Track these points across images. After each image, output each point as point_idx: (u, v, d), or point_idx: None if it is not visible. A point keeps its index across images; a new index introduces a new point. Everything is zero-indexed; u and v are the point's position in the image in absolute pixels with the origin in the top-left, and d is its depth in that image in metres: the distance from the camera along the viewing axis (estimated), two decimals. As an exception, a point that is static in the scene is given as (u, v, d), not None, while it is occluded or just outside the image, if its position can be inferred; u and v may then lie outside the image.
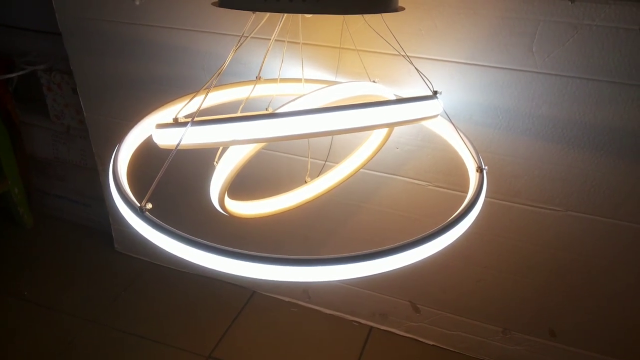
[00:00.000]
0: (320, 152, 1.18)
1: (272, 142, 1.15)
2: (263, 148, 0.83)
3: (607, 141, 0.98)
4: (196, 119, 0.74)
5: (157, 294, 1.55)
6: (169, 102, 0.93)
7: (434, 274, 1.29)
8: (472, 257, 1.23)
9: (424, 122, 0.98)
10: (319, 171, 1.09)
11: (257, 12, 0.80)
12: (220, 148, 0.96)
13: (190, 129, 0.70)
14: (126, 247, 1.69)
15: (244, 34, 0.81)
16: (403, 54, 0.86)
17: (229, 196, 0.88)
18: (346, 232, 1.33)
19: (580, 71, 0.94)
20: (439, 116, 0.93)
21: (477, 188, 0.78)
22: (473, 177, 0.83)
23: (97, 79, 1.37)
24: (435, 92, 0.82)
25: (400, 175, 1.19)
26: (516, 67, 0.98)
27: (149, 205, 0.68)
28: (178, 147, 0.74)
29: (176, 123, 0.73)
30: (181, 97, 0.92)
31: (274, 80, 0.98)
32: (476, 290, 1.27)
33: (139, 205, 0.68)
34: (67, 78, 1.50)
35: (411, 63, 0.86)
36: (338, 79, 1.11)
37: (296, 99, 0.80)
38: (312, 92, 0.80)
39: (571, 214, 1.08)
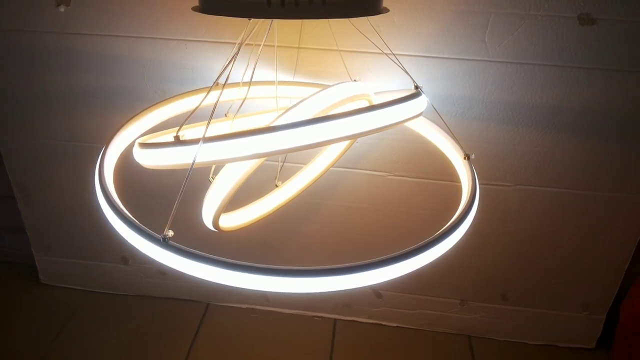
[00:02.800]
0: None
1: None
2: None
3: (550, 119, 1.09)
4: (183, 136, 0.70)
5: (104, 323, 1.43)
6: (133, 117, 0.86)
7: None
8: (429, 234, 1.29)
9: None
10: (277, 173, 1.08)
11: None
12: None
13: (201, 147, 0.66)
14: (54, 278, 1.53)
15: (243, 42, 0.76)
16: (388, 52, 0.88)
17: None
18: (308, 230, 1.33)
19: (528, 58, 1.02)
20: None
21: (471, 177, 0.83)
22: (462, 167, 0.87)
23: (14, 96, 1.21)
24: (417, 87, 0.85)
25: (359, 169, 1.21)
26: (470, 57, 1.04)
27: (171, 233, 0.63)
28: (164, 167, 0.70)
29: (181, 142, 0.68)
30: (142, 111, 0.86)
31: (245, 83, 0.95)
32: (434, 267, 1.34)
33: (161, 235, 0.63)
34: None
35: (400, 65, 0.88)
36: (296, 79, 1.10)
37: (292, 107, 0.78)
38: (307, 98, 0.79)
39: (520, 187, 1.18)
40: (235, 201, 0.99)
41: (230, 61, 0.75)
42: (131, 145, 0.80)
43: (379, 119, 0.71)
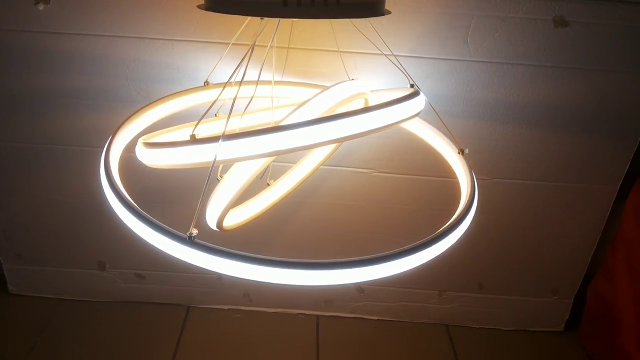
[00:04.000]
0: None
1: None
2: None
3: (526, 115, 1.15)
4: (196, 134, 0.71)
5: (82, 332, 1.38)
6: (128, 119, 0.85)
7: (377, 250, 1.38)
8: (412, 229, 1.34)
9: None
10: (268, 172, 1.09)
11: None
12: None
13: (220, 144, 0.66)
14: (24, 287, 1.47)
15: (252, 44, 0.77)
16: (386, 52, 0.90)
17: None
18: (291, 229, 1.34)
19: (507, 57, 1.08)
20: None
21: (468, 171, 0.87)
22: (457, 161, 0.91)
23: (-16, 98, 1.16)
24: (412, 85, 0.89)
25: (344, 166, 1.24)
26: (453, 57, 1.09)
27: (195, 231, 0.63)
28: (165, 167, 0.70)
29: (196, 140, 0.68)
30: (138, 111, 0.85)
31: (249, 82, 0.95)
32: (415, 261, 1.39)
33: (187, 234, 0.63)
34: None
35: (402, 68, 0.91)
36: (284, 79, 1.11)
37: (299, 106, 0.80)
38: (312, 97, 0.81)
39: (497, 180, 1.25)
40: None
41: (243, 59, 0.75)
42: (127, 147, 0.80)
43: (390, 115, 0.74)
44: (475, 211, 0.85)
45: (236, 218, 0.99)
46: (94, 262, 1.42)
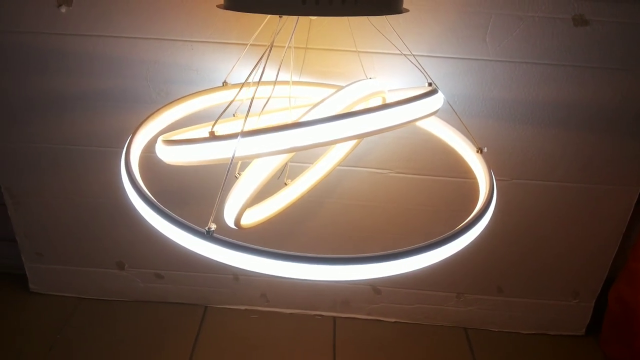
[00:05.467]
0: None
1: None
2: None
3: (545, 115, 1.14)
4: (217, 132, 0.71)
5: (100, 331, 1.40)
6: (147, 119, 0.86)
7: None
8: (429, 231, 1.33)
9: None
10: (285, 172, 1.09)
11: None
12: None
13: (240, 141, 0.67)
14: (45, 286, 1.49)
15: (271, 43, 0.77)
16: (404, 51, 0.90)
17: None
18: (308, 229, 1.34)
19: (526, 56, 1.07)
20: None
21: (487, 170, 0.86)
22: (475, 160, 0.91)
23: (9, 100, 1.18)
24: (430, 84, 0.89)
25: (361, 167, 1.24)
26: (471, 57, 1.08)
27: (214, 226, 0.64)
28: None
29: (215, 137, 0.69)
30: (155, 112, 0.87)
31: (267, 82, 0.95)
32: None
33: (205, 229, 0.63)
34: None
35: (419, 66, 0.91)
36: (302, 79, 1.11)
37: (316, 105, 0.80)
38: (329, 96, 0.81)
39: (516, 181, 1.23)
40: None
41: (260, 59, 0.76)
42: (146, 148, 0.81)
43: (408, 113, 0.74)
44: (494, 211, 0.84)
45: (254, 217, 1.00)
46: (113, 262, 1.44)
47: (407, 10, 0.82)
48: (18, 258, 1.46)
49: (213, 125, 0.73)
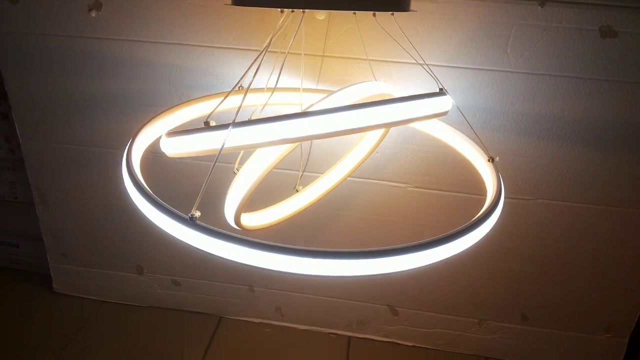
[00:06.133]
0: (294, 163, 1.17)
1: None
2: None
3: (572, 132, 1.09)
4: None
5: (115, 334, 1.41)
6: (153, 118, 0.88)
7: (411, 274, 1.32)
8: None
9: (414, 125, 1.03)
10: (298, 180, 1.09)
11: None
12: (240, 154, 0.92)
13: (231, 131, 0.67)
14: (68, 286, 1.52)
15: (268, 42, 0.78)
16: (418, 59, 0.89)
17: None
18: (323, 240, 1.32)
19: (550, 69, 1.03)
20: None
21: (496, 178, 0.82)
22: (486, 169, 0.87)
23: (38, 100, 1.24)
24: (441, 90, 0.86)
25: (379, 179, 1.21)
26: (492, 68, 1.05)
27: (198, 213, 0.63)
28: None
29: (211, 127, 0.69)
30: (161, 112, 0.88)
31: (271, 89, 0.96)
32: (453, 284, 1.32)
33: (188, 215, 0.63)
34: (-5, 103, 1.35)
35: (432, 74, 0.89)
36: (319, 87, 1.11)
37: (320, 100, 0.79)
38: (333, 93, 0.81)
39: (541, 201, 1.17)
40: (256, 205, 0.99)
41: (256, 60, 0.76)
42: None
43: (405, 110, 0.72)
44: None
45: (261, 220, 0.99)
46: (133, 266, 1.45)
47: (414, 11, 0.81)
48: (43, 258, 1.50)
49: (209, 116, 0.73)
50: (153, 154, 0.86)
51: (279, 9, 0.78)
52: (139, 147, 0.83)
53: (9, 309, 1.47)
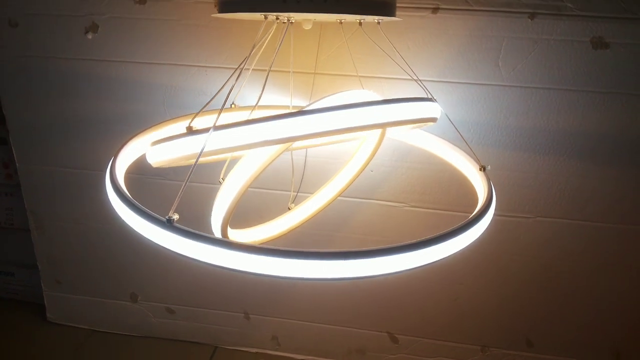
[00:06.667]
0: (288, 184, 1.15)
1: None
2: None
3: (568, 146, 1.07)
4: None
5: (106, 364, 1.37)
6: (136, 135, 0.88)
7: (412, 299, 1.28)
8: (447, 275, 1.24)
9: (404, 139, 1.02)
10: (290, 199, 1.07)
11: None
12: (226, 163, 0.91)
13: (212, 134, 0.66)
14: (61, 315, 1.49)
15: (255, 46, 0.78)
16: (415, 78, 0.88)
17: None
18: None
19: (543, 82, 1.03)
20: (418, 130, 0.97)
21: (487, 186, 0.80)
22: (477, 178, 0.85)
23: (35, 123, 1.25)
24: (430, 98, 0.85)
25: (374, 199, 1.19)
26: (484, 82, 1.05)
27: (176, 216, 0.61)
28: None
29: (193, 131, 0.69)
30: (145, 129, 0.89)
31: (260, 107, 0.96)
32: (454, 309, 1.28)
33: (165, 217, 0.61)
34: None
35: (422, 85, 0.89)
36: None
37: (308, 105, 0.79)
38: (320, 99, 0.80)
39: (540, 219, 1.14)
40: (249, 224, 0.98)
41: (238, 67, 0.76)
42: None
43: (390, 111, 0.71)
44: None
45: (252, 237, 0.97)
46: (127, 293, 1.43)
47: (398, 19, 0.81)
48: (38, 286, 1.48)
49: (191, 120, 0.73)
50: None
51: (268, 20, 0.78)
52: (125, 156, 0.83)
53: (2, 339, 1.44)
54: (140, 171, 1.16)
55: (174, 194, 0.63)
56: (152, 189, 1.24)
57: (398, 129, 0.96)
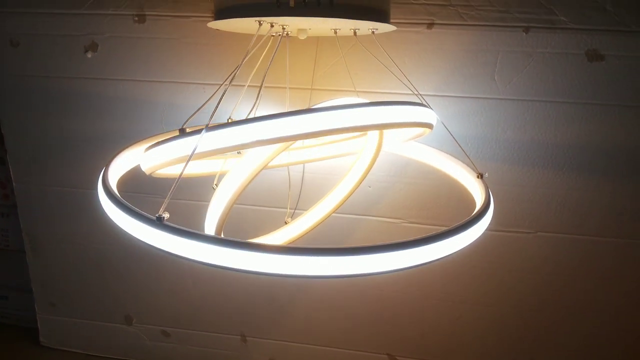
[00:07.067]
0: (285, 201, 1.14)
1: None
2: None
3: (567, 159, 1.07)
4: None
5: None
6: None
7: (412, 318, 1.25)
8: (448, 292, 1.22)
9: (400, 151, 1.02)
10: (287, 215, 1.07)
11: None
12: (217, 176, 0.90)
13: (205, 135, 0.66)
14: (54, 340, 1.46)
15: (243, 58, 0.79)
16: (415, 92, 0.89)
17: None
18: (316, 286, 1.27)
19: (539, 94, 1.03)
20: (415, 142, 0.97)
21: (485, 191, 0.79)
22: (475, 185, 0.84)
23: (33, 143, 1.25)
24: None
25: (372, 216, 1.18)
26: (481, 95, 1.05)
27: (167, 215, 0.61)
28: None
29: (186, 133, 0.69)
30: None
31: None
32: (455, 328, 1.25)
33: (156, 215, 0.60)
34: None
35: (420, 96, 0.89)
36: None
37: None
38: (314, 106, 0.80)
39: (541, 234, 1.13)
40: (245, 239, 0.96)
41: (233, 72, 0.77)
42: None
43: (382, 113, 0.71)
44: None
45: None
46: (121, 316, 1.40)
47: (393, 27, 0.82)
48: (31, 310, 1.45)
49: (184, 124, 0.73)
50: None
51: (264, 32, 0.79)
52: (120, 161, 0.83)
53: (-8, 363, 1.41)
54: (135, 189, 1.16)
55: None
56: (146, 207, 1.23)
57: (393, 136, 0.96)
